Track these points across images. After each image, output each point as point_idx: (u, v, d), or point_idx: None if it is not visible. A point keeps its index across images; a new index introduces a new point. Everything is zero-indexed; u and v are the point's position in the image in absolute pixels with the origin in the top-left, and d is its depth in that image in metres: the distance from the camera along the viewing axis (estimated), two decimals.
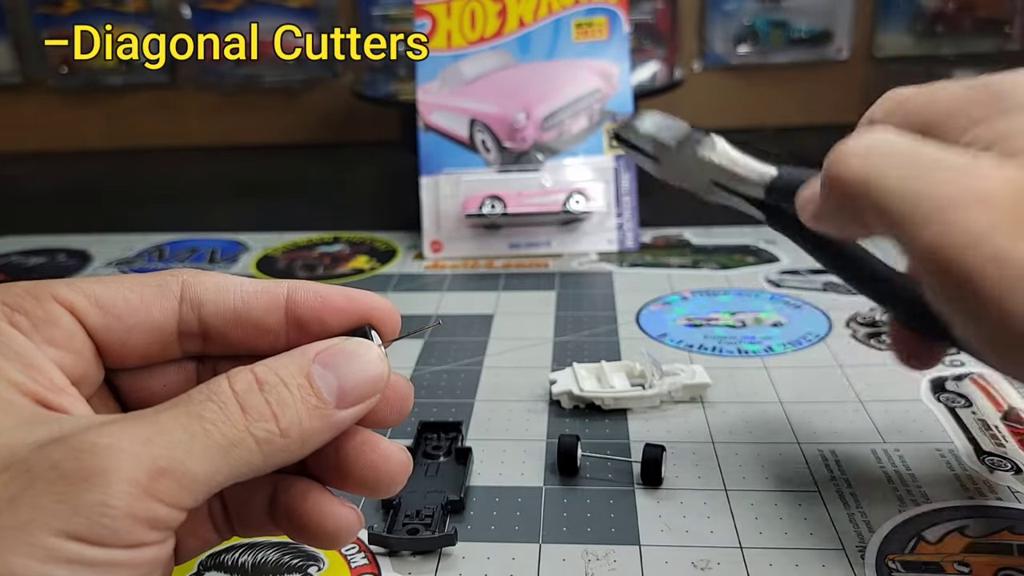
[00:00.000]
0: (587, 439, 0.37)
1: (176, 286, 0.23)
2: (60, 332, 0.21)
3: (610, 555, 0.30)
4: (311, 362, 0.21)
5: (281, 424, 0.20)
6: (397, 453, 0.23)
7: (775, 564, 0.29)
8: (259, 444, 0.20)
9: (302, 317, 0.23)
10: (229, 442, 0.19)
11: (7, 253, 0.68)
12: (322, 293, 0.23)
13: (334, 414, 0.21)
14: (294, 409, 0.20)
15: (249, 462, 0.19)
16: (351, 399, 0.21)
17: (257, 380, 0.20)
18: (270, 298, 0.23)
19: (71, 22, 1.00)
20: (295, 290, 0.23)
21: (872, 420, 0.38)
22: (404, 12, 0.94)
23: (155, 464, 0.18)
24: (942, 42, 0.96)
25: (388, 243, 0.65)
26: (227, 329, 0.23)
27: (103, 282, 0.22)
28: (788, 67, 0.99)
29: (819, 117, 1.01)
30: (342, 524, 0.23)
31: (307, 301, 0.23)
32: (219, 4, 1.00)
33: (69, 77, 1.04)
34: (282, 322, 0.23)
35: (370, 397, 0.22)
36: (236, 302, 0.23)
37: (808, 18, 0.97)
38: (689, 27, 0.99)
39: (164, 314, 0.23)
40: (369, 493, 0.23)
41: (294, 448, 0.20)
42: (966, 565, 0.29)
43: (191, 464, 0.18)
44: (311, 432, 0.20)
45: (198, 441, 0.19)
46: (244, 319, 0.23)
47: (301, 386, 0.21)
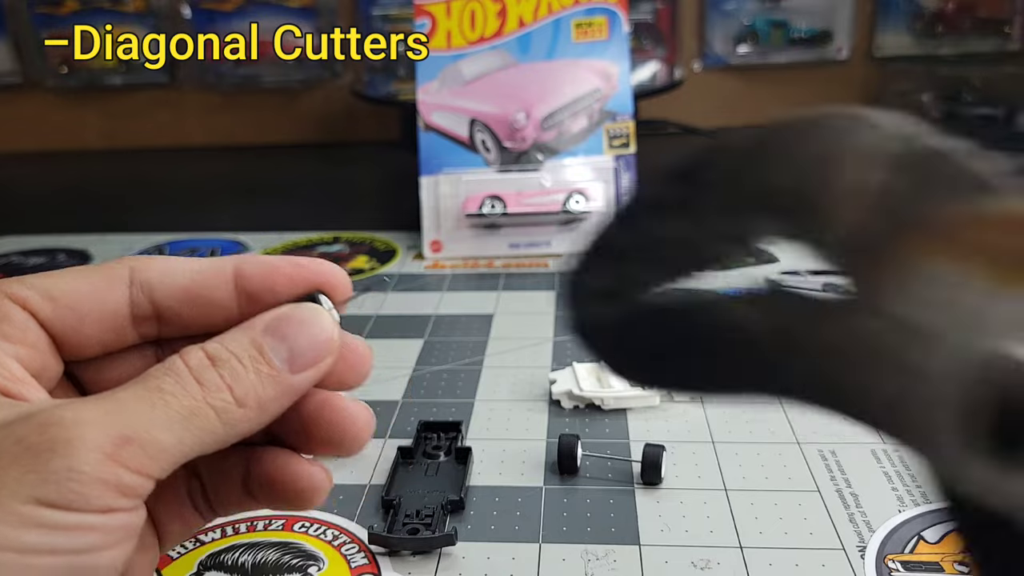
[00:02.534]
0: (587, 439, 0.37)
1: (124, 271, 0.23)
2: (13, 328, 0.22)
3: (610, 555, 0.30)
4: (260, 333, 0.22)
5: (236, 394, 0.21)
6: (358, 409, 0.24)
7: (775, 564, 0.29)
8: (218, 414, 0.20)
9: (252, 288, 0.24)
10: (188, 411, 0.20)
11: (7, 253, 0.68)
12: (270, 262, 0.24)
13: (289, 379, 0.22)
14: (247, 379, 0.21)
15: (211, 431, 0.20)
16: (303, 363, 0.22)
17: (209, 356, 0.21)
18: (218, 273, 0.24)
19: (71, 22, 1.00)
20: (242, 262, 0.24)
21: None
22: (404, 12, 0.95)
23: (119, 432, 0.19)
24: (942, 42, 0.96)
25: (388, 243, 0.65)
26: (180, 308, 0.24)
27: (53, 275, 0.23)
28: (788, 67, 0.99)
29: None
30: (314, 482, 0.23)
31: (255, 272, 0.24)
32: (219, 4, 1.00)
33: (69, 77, 1.04)
34: (233, 295, 0.24)
35: (323, 360, 0.22)
36: (185, 280, 0.24)
37: (808, 18, 0.97)
38: (689, 27, 0.99)
39: (115, 300, 0.23)
40: (335, 451, 0.24)
41: (253, 416, 0.21)
42: (966, 565, 0.29)
43: (154, 432, 0.19)
44: (268, 399, 0.21)
45: (159, 411, 0.19)
46: (195, 296, 0.24)
47: (252, 357, 0.21)
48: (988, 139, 0.87)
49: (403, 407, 0.41)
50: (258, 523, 0.33)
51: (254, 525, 0.33)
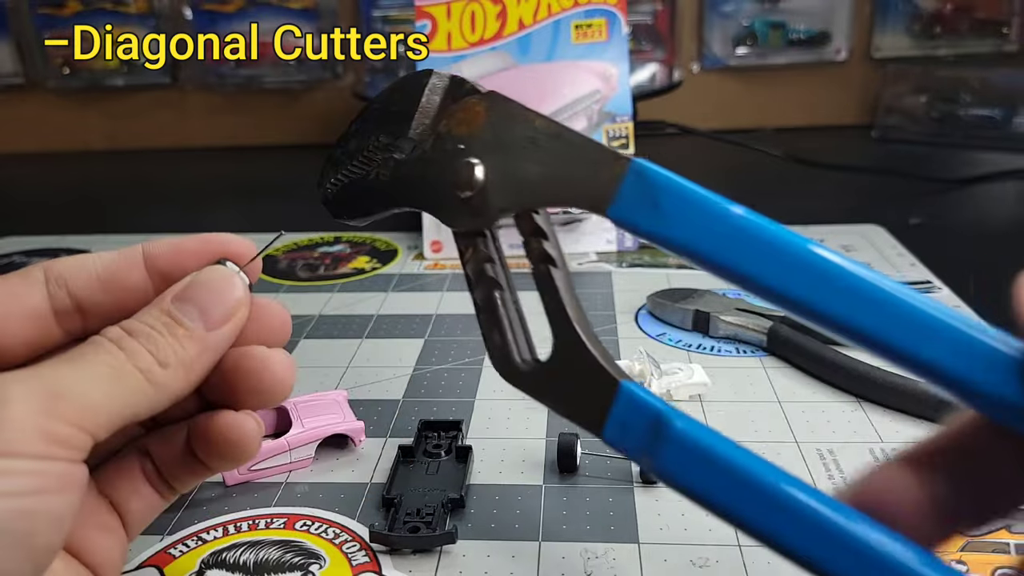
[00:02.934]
0: (586, 437, 0.37)
1: (38, 271, 0.24)
2: None
3: (609, 553, 0.30)
4: (169, 302, 0.23)
5: (160, 356, 0.22)
6: (276, 355, 0.25)
7: (773, 562, 0.29)
8: (144, 375, 0.21)
9: (162, 268, 0.25)
10: (114, 370, 0.21)
11: (8, 254, 0.68)
12: (175, 242, 0.25)
13: (206, 337, 0.23)
14: (167, 342, 0.22)
15: (141, 391, 0.21)
16: (216, 319, 0.23)
17: (126, 330, 0.22)
18: (129, 258, 0.25)
19: (73, 23, 1.00)
20: (151, 245, 0.25)
21: (870, 419, 0.38)
22: (404, 14, 0.95)
23: (49, 388, 0.20)
24: (940, 43, 0.97)
25: (389, 243, 0.65)
26: (97, 297, 0.25)
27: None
28: (787, 68, 0.99)
29: (818, 118, 1.01)
30: (243, 431, 0.24)
31: (163, 252, 0.25)
32: (221, 5, 1.00)
33: (71, 78, 1.04)
34: (146, 278, 0.25)
35: (235, 314, 0.24)
36: (98, 269, 0.25)
37: (806, 19, 0.98)
38: (688, 28, 0.99)
39: (34, 299, 0.24)
40: (263, 399, 0.25)
41: (181, 376, 0.22)
42: (963, 563, 0.29)
43: (83, 387, 0.20)
44: (190, 358, 0.22)
45: (85, 370, 0.21)
46: (109, 283, 0.25)
47: (167, 323, 0.22)
48: (986, 140, 0.87)
49: (404, 406, 0.41)
50: (260, 522, 0.33)
51: (256, 523, 0.33)
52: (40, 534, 0.19)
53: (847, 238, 0.62)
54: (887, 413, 0.39)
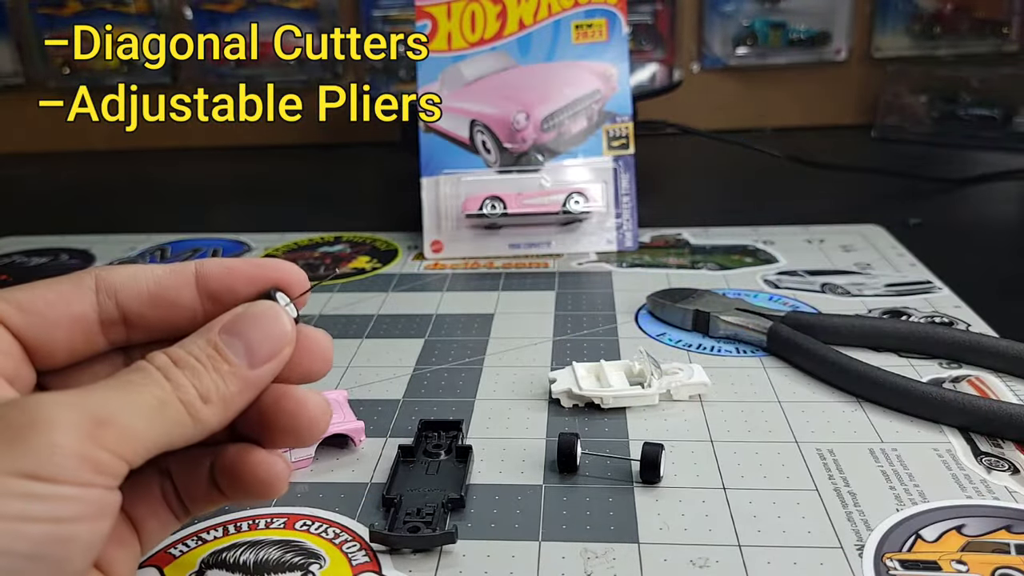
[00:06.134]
0: (586, 437, 0.37)
1: (90, 279, 0.24)
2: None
3: (609, 553, 0.30)
4: (216, 333, 0.23)
5: (202, 391, 0.22)
6: (314, 397, 0.25)
7: (773, 562, 0.29)
8: (187, 408, 0.21)
9: (213, 289, 0.25)
10: (160, 401, 0.21)
11: (10, 253, 0.68)
12: (228, 264, 0.25)
13: (248, 374, 0.23)
14: (209, 377, 0.22)
15: (181, 423, 0.21)
16: (261, 357, 0.23)
17: (172, 359, 0.22)
18: (180, 276, 0.25)
19: (73, 23, 1.00)
20: (203, 265, 0.25)
21: (870, 419, 0.38)
22: (405, 14, 0.95)
23: (95, 415, 0.20)
24: (940, 43, 0.97)
25: (389, 243, 0.65)
26: (145, 311, 0.25)
27: (22, 288, 0.24)
28: (787, 68, 0.99)
29: (818, 118, 1.01)
30: (271, 470, 0.24)
31: (215, 274, 0.25)
32: (221, 5, 1.00)
33: (71, 78, 1.04)
34: (196, 297, 0.25)
35: (280, 352, 0.24)
36: (149, 284, 0.25)
37: (807, 19, 0.98)
38: (688, 28, 0.99)
39: (83, 306, 0.24)
40: (296, 441, 0.25)
41: (219, 412, 0.22)
42: (963, 564, 0.29)
43: (128, 417, 0.20)
44: (231, 395, 0.22)
45: (131, 398, 0.21)
46: (159, 299, 0.25)
47: (211, 356, 0.22)
48: (986, 140, 0.88)
49: (404, 406, 0.41)
50: (260, 521, 0.33)
51: (256, 523, 0.33)
52: (73, 560, 0.19)
53: (847, 238, 0.62)
54: (887, 413, 0.39)
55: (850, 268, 0.56)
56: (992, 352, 0.42)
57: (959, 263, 0.56)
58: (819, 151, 0.83)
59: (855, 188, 0.76)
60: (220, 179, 0.95)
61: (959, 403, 0.37)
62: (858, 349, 0.44)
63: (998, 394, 0.40)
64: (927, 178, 0.76)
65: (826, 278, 0.55)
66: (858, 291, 0.52)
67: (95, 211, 0.82)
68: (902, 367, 0.42)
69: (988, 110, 0.89)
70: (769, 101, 1.01)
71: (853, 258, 0.58)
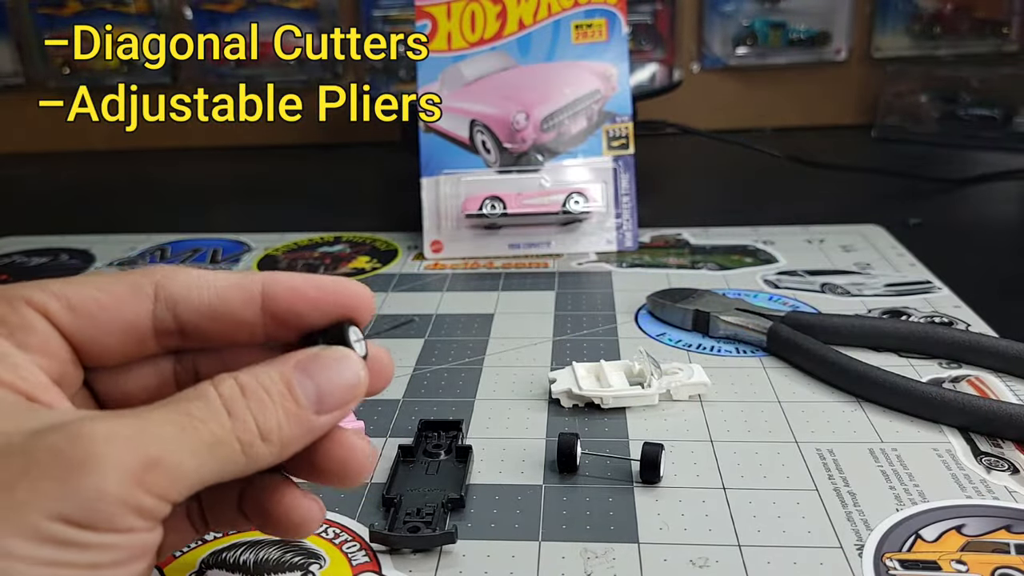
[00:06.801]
0: (586, 437, 0.37)
1: (150, 286, 0.23)
2: (35, 337, 0.22)
3: (609, 553, 0.30)
4: (292, 369, 0.22)
5: (262, 429, 0.21)
6: (363, 446, 0.24)
7: (773, 562, 0.29)
8: (243, 446, 0.20)
9: (277, 311, 0.24)
10: (216, 439, 0.20)
11: (10, 253, 0.68)
12: (297, 286, 0.24)
13: (313, 420, 0.22)
14: (275, 415, 0.21)
15: (234, 461, 0.20)
16: (329, 405, 0.22)
17: (240, 387, 0.21)
18: (245, 293, 0.24)
19: (73, 23, 1.00)
20: (270, 284, 0.24)
21: (870, 419, 0.38)
22: (405, 14, 0.95)
23: (148, 454, 0.19)
24: (940, 43, 0.97)
25: (389, 243, 0.65)
26: (203, 324, 0.24)
27: (74, 283, 0.23)
28: (787, 68, 0.99)
29: (817, 118, 1.01)
30: (306, 515, 0.24)
31: (282, 295, 0.24)
32: (221, 5, 1.00)
33: (71, 78, 1.04)
34: (259, 316, 0.24)
35: (348, 403, 0.23)
36: (211, 298, 0.23)
37: (806, 19, 0.98)
38: (688, 28, 0.99)
39: (138, 313, 0.23)
40: (337, 484, 0.24)
41: (275, 452, 0.21)
42: (963, 563, 0.29)
43: (180, 457, 0.19)
44: (291, 438, 0.22)
45: (187, 436, 0.20)
46: (220, 314, 0.24)
47: (281, 393, 0.22)
48: (986, 140, 0.88)
49: (404, 406, 0.41)
50: None
51: None
52: None
53: (847, 238, 0.62)
54: (887, 413, 0.39)
55: (850, 268, 0.56)
56: (992, 352, 0.42)
57: (959, 263, 0.56)
58: (819, 151, 0.83)
59: (855, 188, 0.76)
60: (220, 179, 0.95)
61: (959, 403, 0.37)
62: (858, 349, 0.44)
63: (998, 394, 0.40)
64: (927, 178, 0.76)
65: (826, 278, 0.55)
66: (858, 291, 0.52)
67: (95, 211, 0.82)
68: (902, 367, 0.42)
69: (988, 110, 0.89)
70: (769, 101, 1.01)
71: (853, 258, 0.58)
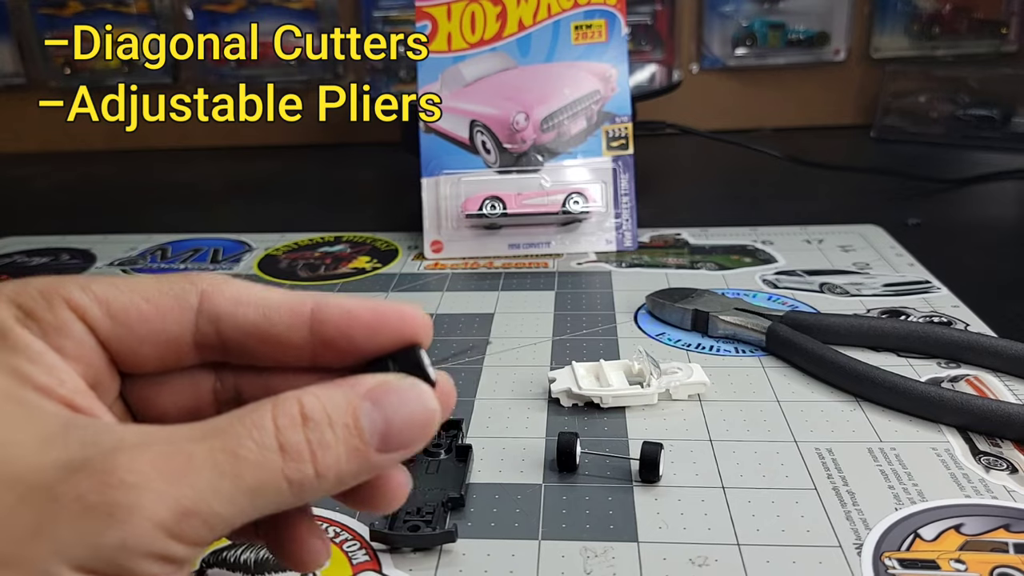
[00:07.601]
0: (586, 437, 0.37)
1: (195, 297, 0.22)
2: (71, 343, 0.21)
3: (608, 552, 0.30)
4: (361, 398, 0.20)
5: (319, 467, 0.19)
6: (399, 476, 0.23)
7: (772, 561, 0.30)
8: (291, 484, 0.19)
9: (328, 335, 0.22)
10: (260, 484, 0.18)
11: (10, 253, 0.68)
12: (349, 309, 0.22)
13: (373, 458, 0.20)
14: (335, 452, 0.19)
15: (277, 502, 0.19)
16: (394, 444, 0.20)
17: (303, 415, 0.19)
18: (294, 315, 0.22)
19: (73, 23, 1.01)
20: (320, 308, 0.22)
21: (868, 419, 0.38)
22: (405, 14, 0.95)
23: (181, 505, 0.17)
24: (939, 44, 0.97)
25: (389, 243, 0.65)
26: (248, 343, 0.22)
27: (118, 286, 0.22)
28: (786, 69, 1.00)
29: (817, 118, 1.01)
30: (313, 556, 0.23)
31: (334, 319, 0.22)
32: (221, 5, 1.00)
33: (72, 78, 1.04)
34: (307, 339, 0.22)
35: (416, 444, 0.21)
36: (257, 318, 0.22)
37: (806, 20, 0.98)
38: (687, 29, 0.99)
39: (180, 326, 0.22)
40: (371, 510, 0.23)
41: (327, 488, 0.20)
42: (962, 562, 0.29)
43: (217, 505, 0.18)
44: (347, 474, 0.20)
45: (228, 482, 0.18)
46: (266, 335, 0.22)
47: (346, 425, 0.20)
48: (985, 140, 0.88)
49: None
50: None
51: None
52: None
53: (846, 238, 0.62)
54: (886, 412, 0.39)
55: (849, 268, 0.56)
56: (990, 352, 0.42)
57: (958, 263, 0.56)
58: (818, 151, 0.83)
59: (854, 188, 0.76)
60: (220, 179, 0.95)
61: (957, 402, 0.37)
62: (857, 349, 0.44)
63: (996, 394, 0.40)
64: (926, 178, 0.76)
65: (825, 278, 0.55)
66: (857, 291, 0.52)
67: (95, 211, 0.82)
68: (901, 367, 0.43)
69: (987, 110, 0.89)
70: (768, 101, 1.01)
71: (852, 258, 0.58)
